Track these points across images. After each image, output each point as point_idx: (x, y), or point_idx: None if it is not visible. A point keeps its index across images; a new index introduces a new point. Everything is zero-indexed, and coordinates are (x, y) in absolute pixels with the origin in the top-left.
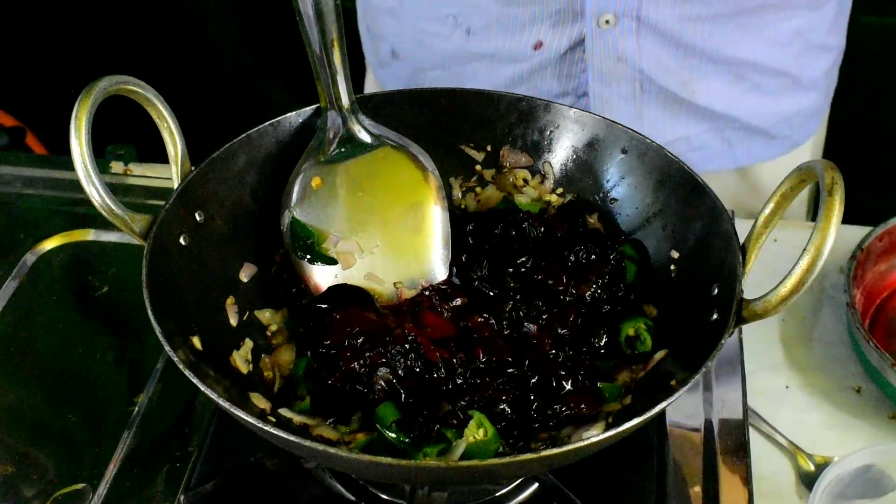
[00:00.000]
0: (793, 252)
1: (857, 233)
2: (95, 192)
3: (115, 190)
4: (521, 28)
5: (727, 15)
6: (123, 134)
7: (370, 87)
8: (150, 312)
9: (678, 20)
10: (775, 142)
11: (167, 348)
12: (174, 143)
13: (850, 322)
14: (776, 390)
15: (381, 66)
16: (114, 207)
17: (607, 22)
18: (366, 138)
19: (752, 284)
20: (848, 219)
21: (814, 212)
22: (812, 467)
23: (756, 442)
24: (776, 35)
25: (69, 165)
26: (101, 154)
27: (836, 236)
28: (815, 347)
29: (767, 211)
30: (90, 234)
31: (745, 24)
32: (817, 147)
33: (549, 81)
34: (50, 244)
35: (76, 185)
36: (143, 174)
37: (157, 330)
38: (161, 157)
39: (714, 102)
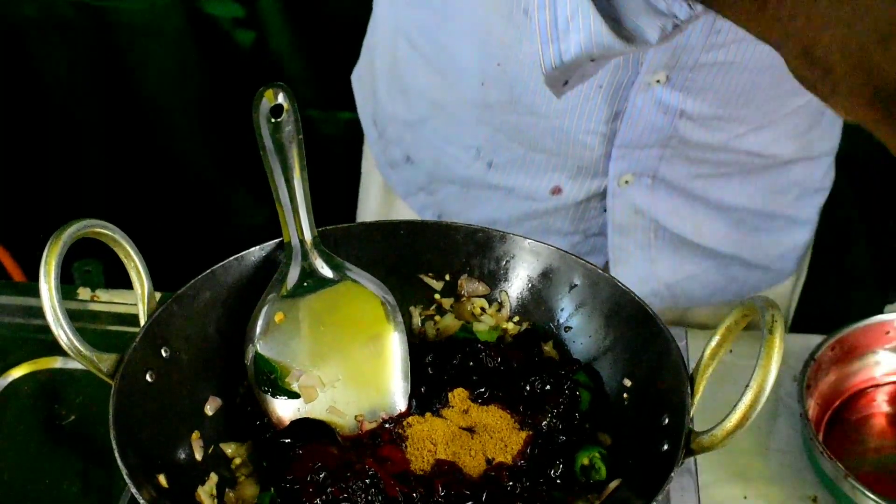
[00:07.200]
0: (746, 363)
1: (810, 341)
2: (64, 335)
3: (82, 316)
4: (541, 172)
5: (733, 172)
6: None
7: (373, 189)
8: (116, 454)
9: (689, 178)
10: (770, 273)
11: (133, 489)
12: (141, 283)
13: (804, 432)
14: (734, 501)
15: (391, 167)
16: (82, 349)
17: (626, 181)
18: (327, 273)
19: (704, 397)
20: (801, 325)
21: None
22: None
23: None
24: (775, 185)
25: (38, 292)
26: (67, 270)
27: (790, 345)
28: (772, 457)
29: (714, 343)
30: (57, 362)
31: (748, 178)
32: (800, 272)
33: (561, 222)
34: (18, 372)
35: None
36: (110, 300)
37: (124, 472)
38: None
39: (720, 244)
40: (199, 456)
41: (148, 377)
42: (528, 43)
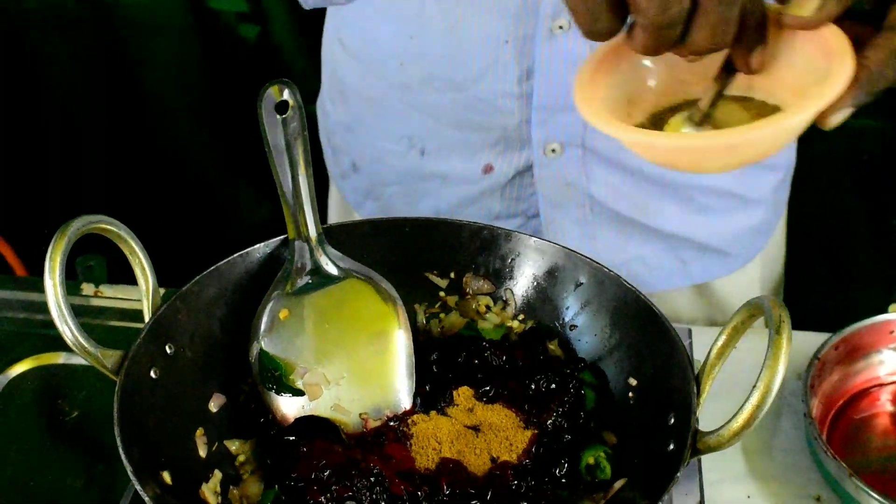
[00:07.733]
0: (754, 359)
1: (814, 339)
2: (68, 330)
3: (86, 312)
4: (471, 152)
5: None
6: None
7: (333, 198)
8: (121, 451)
9: (622, 148)
10: (728, 259)
11: (137, 486)
12: (145, 279)
13: (808, 432)
14: (738, 500)
15: (342, 178)
16: (86, 345)
17: (553, 150)
18: (332, 270)
19: (711, 395)
20: (805, 324)
21: None
22: None
23: None
24: None
25: (41, 287)
26: (71, 266)
27: (794, 344)
28: (776, 456)
29: (720, 343)
30: (61, 358)
31: None
32: (766, 261)
33: (498, 203)
34: (21, 368)
35: (47, 308)
36: (114, 296)
37: (129, 468)
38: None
39: (666, 224)
40: (203, 453)
41: (152, 374)
42: (429, 4)
